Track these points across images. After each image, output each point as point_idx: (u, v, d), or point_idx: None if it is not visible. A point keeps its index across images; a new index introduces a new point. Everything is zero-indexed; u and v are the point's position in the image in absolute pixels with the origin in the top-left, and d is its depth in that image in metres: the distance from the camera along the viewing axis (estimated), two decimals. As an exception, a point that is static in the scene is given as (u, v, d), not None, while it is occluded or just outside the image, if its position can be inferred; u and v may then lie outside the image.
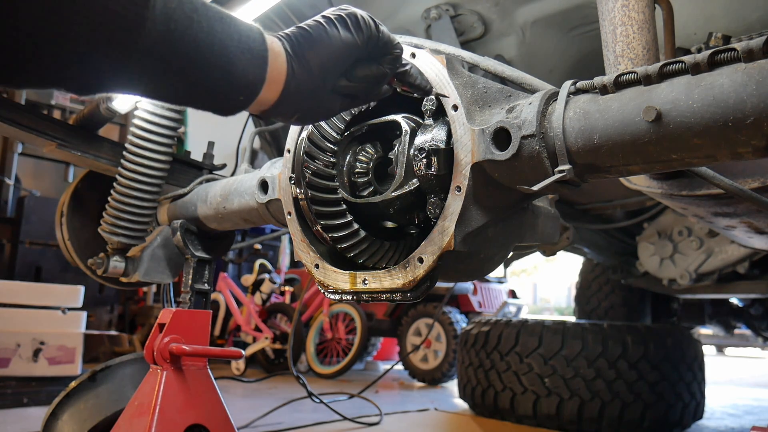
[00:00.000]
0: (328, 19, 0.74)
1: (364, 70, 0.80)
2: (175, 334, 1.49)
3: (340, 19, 0.74)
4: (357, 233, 1.13)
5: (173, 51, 0.56)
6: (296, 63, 0.68)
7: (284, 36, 0.70)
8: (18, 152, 6.15)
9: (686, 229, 3.22)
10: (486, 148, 0.94)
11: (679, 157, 0.83)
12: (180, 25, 0.56)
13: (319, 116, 0.81)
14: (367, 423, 3.03)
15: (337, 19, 0.74)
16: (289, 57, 0.68)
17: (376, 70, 0.80)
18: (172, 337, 1.48)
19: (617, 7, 1.18)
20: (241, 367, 5.48)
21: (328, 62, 0.71)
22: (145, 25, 0.53)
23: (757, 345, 10.55)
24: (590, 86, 0.91)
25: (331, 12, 0.75)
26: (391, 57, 0.82)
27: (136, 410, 1.42)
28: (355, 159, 1.16)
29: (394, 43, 0.82)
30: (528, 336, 3.06)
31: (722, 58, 0.78)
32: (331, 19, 0.73)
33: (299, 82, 0.69)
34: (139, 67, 0.55)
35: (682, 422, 3.03)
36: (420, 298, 1.06)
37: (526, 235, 1.21)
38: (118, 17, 0.51)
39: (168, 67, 0.57)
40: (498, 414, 3.16)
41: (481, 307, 5.73)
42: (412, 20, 2.04)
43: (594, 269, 4.58)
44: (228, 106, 0.68)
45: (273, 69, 0.66)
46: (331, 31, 0.72)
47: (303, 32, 0.71)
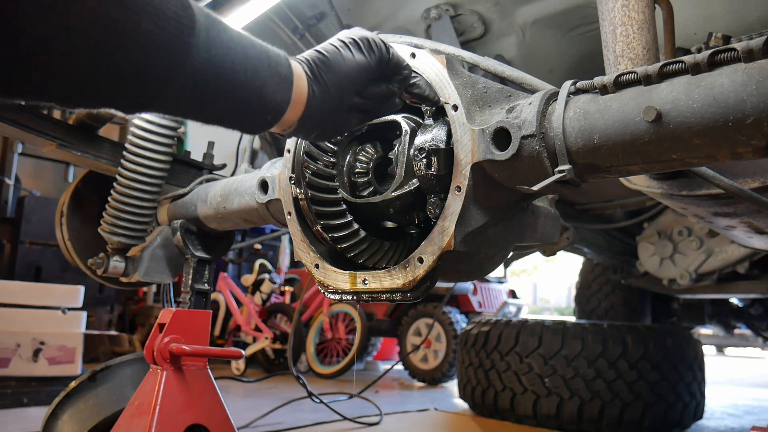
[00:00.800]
0: (343, 42, 0.80)
1: (376, 89, 0.87)
2: (175, 334, 1.49)
3: (354, 42, 0.80)
4: (357, 233, 1.13)
5: (214, 75, 0.62)
6: (316, 85, 0.74)
7: (304, 60, 0.76)
8: (18, 152, 6.15)
9: (686, 229, 3.22)
10: (486, 148, 0.94)
11: (679, 157, 0.83)
12: (220, 52, 0.62)
13: (336, 132, 0.88)
14: (367, 423, 3.03)
15: (351, 42, 0.80)
16: (309, 80, 0.74)
17: (386, 90, 0.88)
18: (172, 337, 1.48)
19: (617, 7, 1.18)
20: (241, 367, 5.48)
21: (344, 83, 0.78)
22: (191, 51, 0.58)
23: (757, 345, 10.55)
24: (590, 86, 0.91)
25: (345, 35, 0.81)
26: (401, 77, 0.90)
27: (136, 410, 1.42)
28: (355, 159, 1.16)
29: (404, 64, 0.89)
30: (528, 336, 3.06)
31: (722, 58, 0.78)
32: (346, 43, 0.80)
33: (319, 103, 0.75)
34: (183, 89, 0.60)
35: (682, 422, 3.02)
36: (420, 298, 1.06)
37: (526, 235, 1.21)
38: (169, 44, 0.56)
39: (208, 89, 0.62)
40: (498, 414, 3.16)
41: (481, 307, 5.73)
42: (412, 20, 2.04)
43: (594, 269, 4.58)
44: (256, 126, 0.74)
45: (296, 91, 0.73)
46: (346, 54, 0.79)
47: (321, 56, 0.77)
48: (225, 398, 1.52)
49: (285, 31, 2.24)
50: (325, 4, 2.08)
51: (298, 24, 2.21)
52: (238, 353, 1.60)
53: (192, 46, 0.58)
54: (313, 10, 2.18)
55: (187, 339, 1.50)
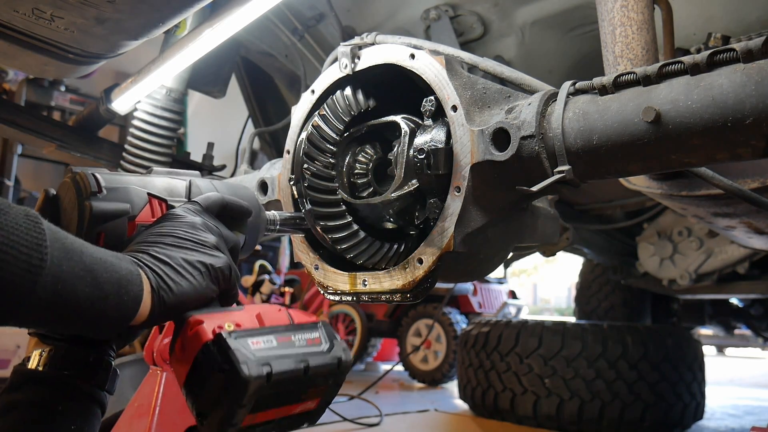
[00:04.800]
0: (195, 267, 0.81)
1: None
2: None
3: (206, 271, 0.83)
4: (356, 234, 1.13)
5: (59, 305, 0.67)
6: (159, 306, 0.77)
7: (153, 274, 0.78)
8: (18, 153, 6.15)
9: (686, 229, 3.22)
10: (485, 149, 0.94)
11: (678, 158, 0.83)
12: (67, 286, 0.67)
13: None
14: (367, 424, 3.03)
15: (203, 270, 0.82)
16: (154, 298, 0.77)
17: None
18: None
19: (616, 8, 1.18)
20: (241, 368, 5.47)
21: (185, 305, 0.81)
22: (35, 289, 0.63)
23: (757, 345, 10.55)
24: (589, 87, 0.91)
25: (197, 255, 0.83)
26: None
27: (136, 411, 1.42)
28: (354, 160, 1.16)
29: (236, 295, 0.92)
30: (528, 337, 3.06)
31: (721, 58, 0.78)
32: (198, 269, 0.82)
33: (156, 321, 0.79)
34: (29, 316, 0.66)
35: (683, 423, 3.02)
36: (420, 298, 1.06)
37: (526, 236, 1.21)
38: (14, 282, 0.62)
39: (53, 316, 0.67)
40: (498, 415, 3.15)
41: (481, 308, 5.73)
42: (412, 21, 2.04)
43: (594, 270, 4.58)
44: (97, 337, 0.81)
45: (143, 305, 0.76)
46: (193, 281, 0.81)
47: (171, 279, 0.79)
48: (225, 399, 1.52)
49: (284, 32, 2.24)
50: (324, 5, 2.08)
51: (298, 25, 2.21)
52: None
53: (37, 284, 0.63)
54: (312, 11, 2.18)
55: (187, 340, 1.50)
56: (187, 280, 0.80)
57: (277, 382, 0.76)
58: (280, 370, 0.76)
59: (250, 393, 0.74)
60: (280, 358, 0.78)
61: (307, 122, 1.19)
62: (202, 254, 0.83)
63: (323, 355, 0.84)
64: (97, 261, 0.71)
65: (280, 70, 2.61)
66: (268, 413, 0.81)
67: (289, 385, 0.79)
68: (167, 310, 0.78)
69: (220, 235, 0.88)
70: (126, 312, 0.73)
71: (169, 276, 0.78)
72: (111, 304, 0.71)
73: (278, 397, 0.80)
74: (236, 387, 0.74)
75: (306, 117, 1.21)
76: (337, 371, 0.84)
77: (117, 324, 0.74)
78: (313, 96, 1.22)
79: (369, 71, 1.14)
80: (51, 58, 1.41)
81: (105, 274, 0.71)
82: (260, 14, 1.50)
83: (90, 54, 1.41)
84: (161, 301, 0.77)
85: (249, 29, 1.84)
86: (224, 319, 0.79)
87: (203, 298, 0.82)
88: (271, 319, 0.85)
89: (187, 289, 0.79)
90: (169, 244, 0.82)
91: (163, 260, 0.79)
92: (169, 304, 0.78)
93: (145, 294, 0.75)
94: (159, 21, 1.28)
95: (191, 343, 0.79)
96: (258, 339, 0.78)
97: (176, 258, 0.80)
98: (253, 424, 0.81)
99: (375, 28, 2.09)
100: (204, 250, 0.83)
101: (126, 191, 0.87)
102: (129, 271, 0.74)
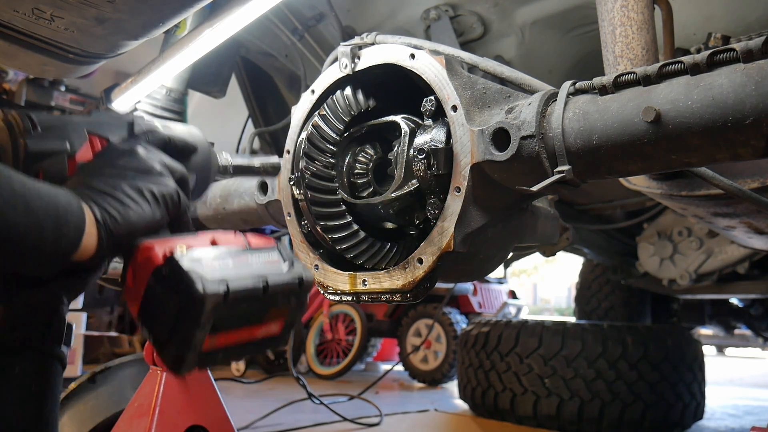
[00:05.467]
0: (140, 193, 0.79)
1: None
2: (174, 335, 1.49)
3: (152, 197, 0.80)
4: (356, 234, 1.13)
5: None
6: (105, 234, 0.74)
7: (97, 206, 0.75)
8: (18, 153, 6.14)
9: (686, 229, 3.22)
10: (485, 149, 0.94)
11: (678, 158, 0.83)
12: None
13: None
14: (367, 424, 3.03)
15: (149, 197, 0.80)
16: (99, 227, 0.74)
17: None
18: (172, 339, 1.47)
19: (616, 8, 1.18)
20: (241, 368, 5.48)
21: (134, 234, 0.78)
22: None
23: (757, 345, 10.55)
24: (589, 87, 0.91)
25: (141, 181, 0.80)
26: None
27: (136, 411, 1.42)
28: (354, 160, 1.16)
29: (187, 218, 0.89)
30: (528, 337, 3.06)
31: (721, 58, 0.78)
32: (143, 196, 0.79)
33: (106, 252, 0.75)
34: None
35: (683, 423, 3.02)
36: (419, 298, 1.06)
37: (526, 236, 1.21)
38: None
39: None
40: (498, 415, 3.15)
41: (481, 308, 5.73)
42: (412, 21, 2.04)
43: (594, 270, 4.58)
44: (40, 273, 0.74)
45: (87, 236, 0.72)
46: (139, 209, 0.78)
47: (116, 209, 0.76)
48: (225, 399, 1.52)
49: (284, 32, 2.24)
50: (324, 5, 2.08)
51: (298, 25, 2.21)
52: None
53: None
54: (312, 11, 2.18)
55: (187, 340, 1.50)
56: (132, 208, 0.76)
57: (235, 300, 0.73)
58: (237, 288, 0.73)
59: (207, 311, 0.71)
60: (237, 276, 0.74)
61: (307, 122, 1.19)
62: (146, 181, 0.80)
63: (283, 274, 0.80)
64: (30, 188, 0.67)
65: (280, 70, 2.61)
66: (229, 336, 0.77)
67: (248, 304, 0.76)
68: (115, 241, 0.75)
69: (164, 165, 0.85)
70: (66, 244, 0.69)
71: (114, 206, 0.75)
72: (48, 235, 0.67)
73: (238, 319, 0.77)
74: (192, 306, 0.71)
75: (306, 117, 1.21)
76: (298, 290, 0.81)
77: (57, 258, 0.70)
78: (313, 96, 1.22)
79: (369, 71, 1.14)
80: (51, 58, 1.41)
81: (38, 201, 0.67)
82: (260, 14, 1.50)
83: (90, 54, 1.41)
84: (108, 232, 0.74)
85: (249, 29, 1.84)
86: (176, 243, 0.76)
87: (152, 225, 0.79)
88: (226, 242, 0.82)
89: (135, 217, 0.76)
90: (110, 174, 0.79)
91: (106, 191, 0.76)
92: (116, 234, 0.74)
93: (89, 226, 0.72)
94: (159, 21, 1.28)
95: (142, 269, 0.76)
96: (212, 260, 0.75)
97: (120, 186, 0.77)
98: (215, 349, 0.77)
99: (375, 28, 2.09)
100: (148, 178, 0.81)
101: (63, 129, 0.84)
102: (68, 201, 0.70)
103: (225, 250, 0.78)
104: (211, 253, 0.77)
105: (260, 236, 0.88)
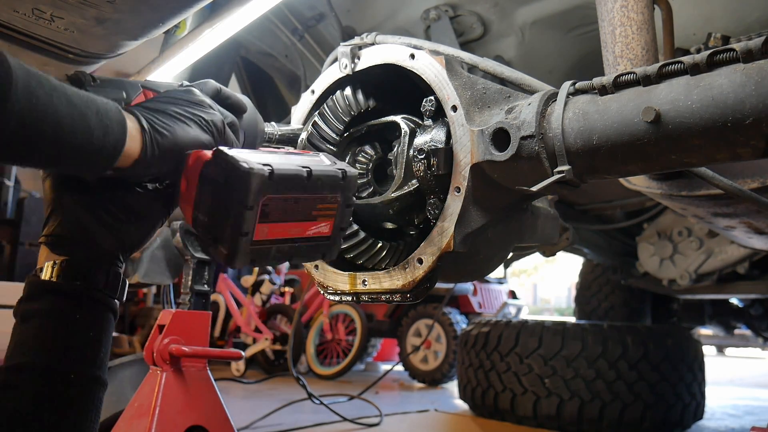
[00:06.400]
0: (189, 116, 0.85)
1: None
2: (174, 335, 1.49)
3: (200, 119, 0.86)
4: (356, 234, 1.13)
5: (37, 120, 0.66)
6: (150, 145, 0.79)
7: (145, 120, 0.79)
8: (18, 154, 6.13)
9: (686, 229, 3.22)
10: (485, 149, 0.94)
11: (678, 158, 0.83)
12: (41, 100, 0.66)
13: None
14: (367, 424, 3.03)
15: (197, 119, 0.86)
16: (145, 134, 0.78)
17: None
18: (172, 339, 1.48)
19: (616, 8, 1.18)
20: (241, 368, 5.48)
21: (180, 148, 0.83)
22: (9, 98, 0.64)
23: (757, 345, 10.55)
24: (589, 87, 0.91)
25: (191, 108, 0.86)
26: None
27: (136, 411, 1.42)
28: (354, 160, 1.16)
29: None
30: (528, 337, 3.06)
31: (721, 58, 0.78)
32: (191, 118, 0.85)
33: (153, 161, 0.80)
34: (6, 136, 0.65)
35: (683, 423, 3.02)
36: (419, 299, 1.06)
37: (526, 236, 1.21)
38: None
39: (33, 134, 0.67)
40: (498, 415, 3.16)
41: (481, 308, 5.74)
42: (412, 21, 2.04)
43: (594, 270, 4.58)
44: (90, 170, 0.77)
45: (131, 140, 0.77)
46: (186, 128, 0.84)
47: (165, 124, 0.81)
48: (225, 399, 1.52)
49: (284, 32, 2.24)
50: (324, 5, 2.08)
51: (298, 25, 2.21)
52: (237, 354, 1.60)
53: (10, 93, 0.64)
54: (312, 11, 2.18)
55: (187, 340, 1.50)
56: (180, 126, 0.82)
57: (281, 181, 0.77)
58: (281, 170, 0.77)
59: (254, 189, 0.74)
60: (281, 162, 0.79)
61: (307, 122, 1.19)
62: (195, 109, 0.86)
63: (326, 165, 0.85)
64: (65, 86, 0.71)
65: (280, 70, 2.61)
66: (281, 227, 0.81)
67: (294, 190, 0.79)
68: (162, 153, 0.79)
69: (215, 106, 0.90)
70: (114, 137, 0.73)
71: (162, 121, 0.80)
72: (95, 127, 0.71)
73: (288, 212, 0.80)
74: (240, 185, 0.75)
75: (306, 117, 1.21)
76: (342, 182, 0.85)
77: (107, 153, 0.73)
78: (313, 96, 1.22)
79: (369, 71, 1.14)
80: (51, 58, 1.41)
81: (77, 97, 0.71)
82: (260, 14, 1.50)
83: (90, 54, 1.41)
84: (153, 139, 0.78)
85: (249, 29, 1.84)
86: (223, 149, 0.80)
87: (198, 145, 0.83)
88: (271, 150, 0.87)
89: (181, 133, 0.81)
90: (163, 101, 0.85)
91: (157, 108, 0.82)
92: (162, 147, 0.79)
93: (133, 130, 0.76)
94: (159, 21, 1.28)
95: (193, 169, 0.81)
96: (258, 155, 0.80)
97: (169, 108, 0.83)
98: (267, 240, 0.80)
99: (375, 28, 2.09)
100: (198, 108, 0.86)
101: (120, 82, 0.89)
102: (105, 102, 0.75)
103: (269, 152, 0.84)
104: (257, 153, 0.82)
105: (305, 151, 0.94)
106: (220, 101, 0.94)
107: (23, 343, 0.80)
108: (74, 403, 0.81)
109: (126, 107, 0.79)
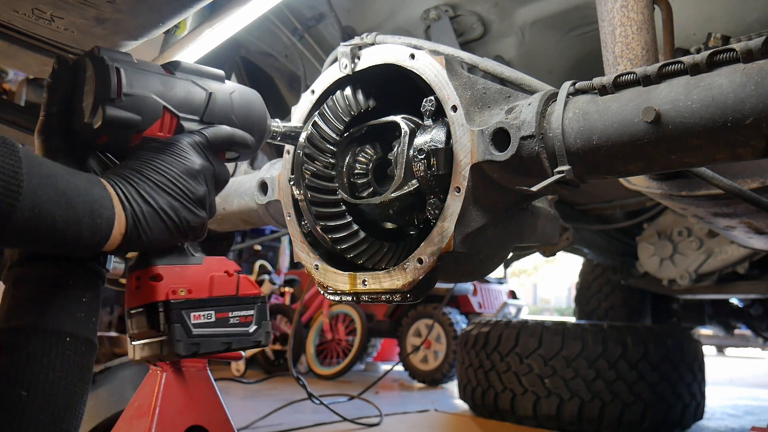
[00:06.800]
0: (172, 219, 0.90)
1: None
2: (174, 335, 1.49)
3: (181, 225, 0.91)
4: (356, 234, 1.13)
5: (37, 227, 0.73)
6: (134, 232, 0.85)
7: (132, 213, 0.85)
8: (18, 154, 6.14)
9: (686, 229, 3.22)
10: (485, 149, 0.94)
11: (678, 158, 0.83)
12: (44, 208, 0.73)
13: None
14: (367, 424, 3.03)
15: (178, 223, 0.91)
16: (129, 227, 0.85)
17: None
18: (172, 339, 1.47)
19: (616, 8, 1.18)
20: (241, 368, 5.48)
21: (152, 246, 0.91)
22: (14, 211, 0.69)
23: (757, 345, 10.55)
24: (589, 87, 0.91)
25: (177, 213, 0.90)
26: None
27: (136, 412, 1.42)
28: (354, 160, 1.16)
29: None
30: (528, 337, 3.06)
31: (721, 58, 0.78)
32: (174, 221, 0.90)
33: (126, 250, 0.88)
34: (11, 236, 0.73)
35: (683, 423, 3.02)
36: (419, 298, 1.06)
37: (526, 236, 1.21)
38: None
39: (33, 236, 0.74)
40: (498, 415, 3.16)
41: (481, 308, 5.74)
42: (412, 21, 2.04)
43: (594, 270, 4.58)
44: (79, 254, 0.85)
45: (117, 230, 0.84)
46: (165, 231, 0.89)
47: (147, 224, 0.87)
48: (225, 399, 1.52)
49: (284, 32, 2.24)
50: (324, 5, 2.08)
51: (298, 25, 2.21)
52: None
53: (16, 208, 0.69)
54: (312, 11, 2.18)
55: (187, 340, 1.50)
56: (160, 228, 0.88)
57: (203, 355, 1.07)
58: (205, 351, 1.04)
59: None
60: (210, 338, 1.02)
61: (307, 122, 1.19)
62: (185, 207, 0.91)
63: (247, 337, 1.09)
64: (71, 187, 0.77)
65: (280, 70, 2.61)
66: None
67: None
68: (135, 245, 0.87)
69: (213, 175, 0.96)
70: (100, 235, 0.81)
71: (147, 220, 0.86)
72: (85, 227, 0.78)
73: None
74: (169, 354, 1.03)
75: (306, 117, 1.21)
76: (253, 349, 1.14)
77: (91, 246, 0.81)
78: (313, 96, 1.22)
79: (369, 71, 1.14)
80: (51, 58, 1.41)
81: (77, 198, 0.77)
82: (260, 14, 1.50)
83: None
84: (131, 239, 0.85)
85: (249, 29, 1.84)
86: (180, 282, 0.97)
87: (170, 245, 0.96)
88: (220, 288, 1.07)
89: (159, 237, 0.89)
90: (158, 184, 0.88)
91: (147, 201, 0.87)
92: (139, 244, 0.87)
93: (119, 222, 0.83)
94: (159, 21, 1.28)
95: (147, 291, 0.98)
96: (200, 312, 1.00)
97: (159, 203, 0.88)
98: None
99: (375, 28, 2.09)
100: (188, 204, 0.91)
101: (143, 101, 0.90)
102: (101, 197, 0.81)
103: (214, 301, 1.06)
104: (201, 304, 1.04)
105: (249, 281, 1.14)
106: (227, 145, 1.01)
107: (18, 305, 0.83)
108: (71, 365, 0.84)
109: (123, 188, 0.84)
